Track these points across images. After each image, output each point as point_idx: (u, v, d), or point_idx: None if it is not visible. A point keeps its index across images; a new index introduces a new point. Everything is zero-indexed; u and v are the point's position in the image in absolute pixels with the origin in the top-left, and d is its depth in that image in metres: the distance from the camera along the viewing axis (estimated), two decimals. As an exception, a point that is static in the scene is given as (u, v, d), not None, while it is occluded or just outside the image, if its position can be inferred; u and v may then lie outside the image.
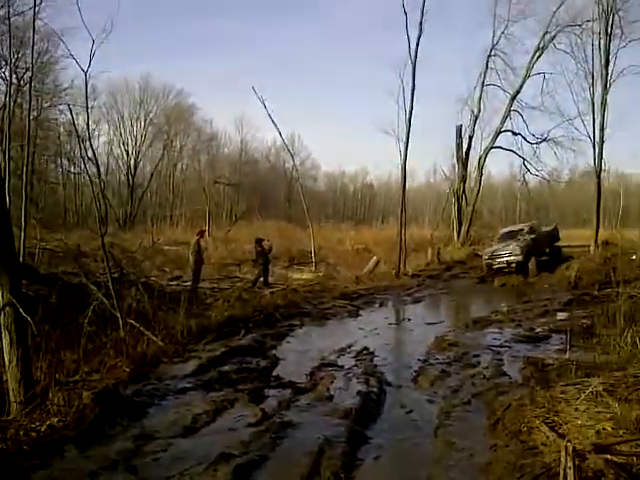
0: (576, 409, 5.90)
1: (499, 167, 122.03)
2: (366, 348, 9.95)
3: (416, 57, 22.03)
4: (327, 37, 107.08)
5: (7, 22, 20.21)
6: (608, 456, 4.55)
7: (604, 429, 5.29)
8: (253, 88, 24.04)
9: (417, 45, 22.07)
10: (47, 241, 19.73)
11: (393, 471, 5.14)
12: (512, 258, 20.52)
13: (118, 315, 8.96)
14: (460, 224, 29.23)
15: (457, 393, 7.35)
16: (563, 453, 4.49)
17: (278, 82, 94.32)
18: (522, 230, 22.40)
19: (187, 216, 46.87)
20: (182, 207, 51.61)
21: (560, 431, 5.32)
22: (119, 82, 53.37)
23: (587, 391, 6.16)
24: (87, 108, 14.67)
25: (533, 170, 31.00)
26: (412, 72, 22.20)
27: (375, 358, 9.31)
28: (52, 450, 5.18)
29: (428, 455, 5.45)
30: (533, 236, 21.66)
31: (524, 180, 33.20)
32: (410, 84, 22.58)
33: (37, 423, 5.67)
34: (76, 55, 10.30)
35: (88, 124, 15.86)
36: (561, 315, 13.58)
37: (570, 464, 4.34)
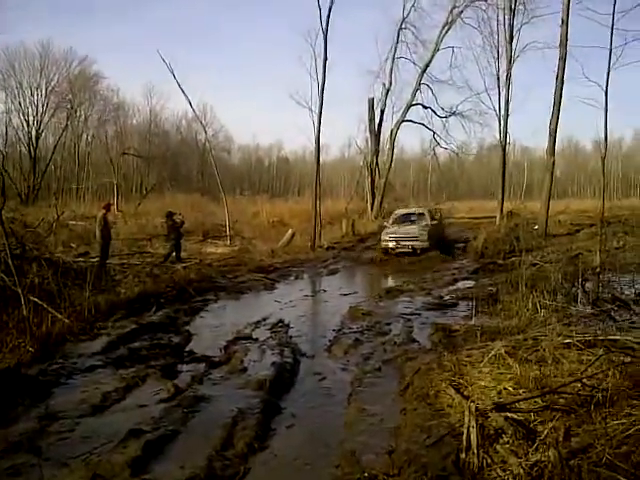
0: (480, 371, 6.17)
1: (411, 141, 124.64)
2: (281, 320, 9.98)
3: (327, 27, 21.93)
4: (241, 4, 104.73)
5: None
6: (508, 414, 4.80)
7: (505, 389, 5.57)
8: (159, 53, 23.03)
9: (328, 15, 21.94)
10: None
11: (306, 438, 5.21)
12: (417, 243, 19.52)
13: (19, 292, 8.50)
14: (373, 197, 29.69)
15: (369, 360, 7.53)
16: (466, 413, 4.70)
17: (189, 51, 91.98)
18: (422, 214, 21.64)
19: (94, 189, 45.10)
20: (89, 180, 49.50)
21: (465, 393, 5.56)
22: (17, 48, 50.34)
23: (490, 354, 6.47)
24: None
25: (443, 143, 31.87)
26: (324, 43, 22.13)
27: (290, 330, 9.37)
28: (-52, 435, 4.89)
29: (340, 422, 5.56)
30: (435, 222, 21.38)
31: (434, 153, 34.09)
32: (322, 55, 22.51)
33: None
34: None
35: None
36: (467, 283, 14.17)
37: (473, 423, 4.55)
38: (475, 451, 4.34)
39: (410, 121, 31.20)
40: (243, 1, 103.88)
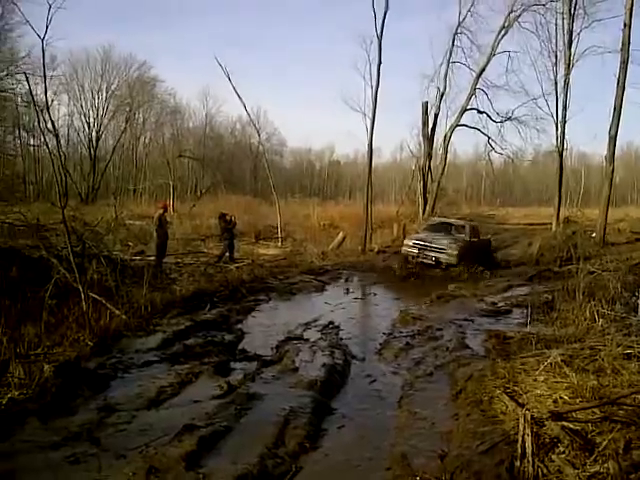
0: (535, 379, 6.06)
1: (465, 146, 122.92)
2: (332, 322, 10.03)
3: (382, 33, 21.90)
4: (294, 11, 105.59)
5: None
6: (564, 423, 4.69)
7: (561, 398, 5.45)
8: (216, 59, 23.70)
9: (383, 21, 21.91)
10: (6, 214, 19.26)
11: (357, 440, 5.22)
12: (444, 257, 16.60)
13: (80, 288, 8.79)
14: (425, 201, 29.34)
15: (420, 365, 7.49)
16: (521, 421, 4.62)
17: (244, 55, 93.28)
18: (463, 228, 18.51)
19: (151, 190, 46.16)
20: (146, 181, 50.74)
21: (520, 400, 5.46)
22: (80, 53, 52.05)
23: (546, 362, 6.33)
24: (44, 76, 14.19)
25: (497, 148, 31.26)
26: (378, 48, 22.09)
27: (340, 332, 9.39)
28: (14, 423, 5.09)
29: (391, 424, 5.55)
30: (474, 239, 18.21)
31: (489, 158, 33.50)
32: (377, 60, 22.49)
33: (-1, 397, 5.58)
34: (34, 23, 9.83)
35: (46, 92, 15.29)
36: (522, 290, 13.89)
37: (528, 431, 4.47)
38: (530, 459, 4.27)
39: (465, 125, 30.72)
40: (298, 6, 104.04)
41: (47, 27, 9.47)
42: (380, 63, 22.18)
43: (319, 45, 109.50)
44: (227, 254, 16.98)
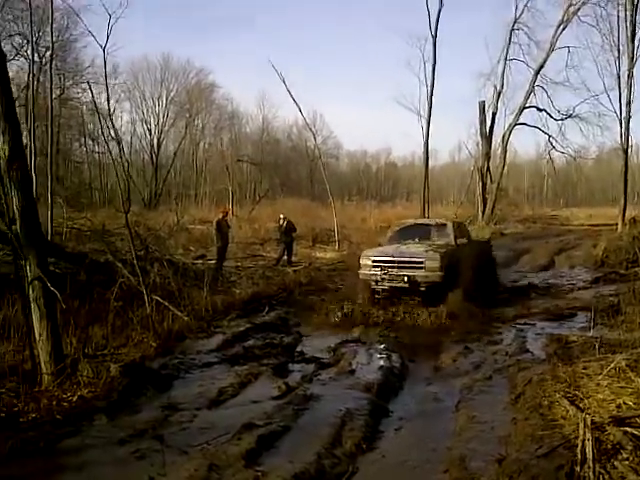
0: (598, 384, 5.91)
1: (526, 145, 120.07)
2: (389, 325, 9.98)
3: (437, 31, 21.74)
4: (346, 14, 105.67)
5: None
6: (627, 428, 4.57)
7: (625, 403, 5.30)
8: (271, 62, 24.01)
9: (437, 19, 21.76)
10: (74, 220, 20.10)
11: (414, 442, 5.21)
12: (421, 274, 10.89)
13: (144, 291, 9.12)
14: (485, 202, 28.94)
15: (479, 369, 7.40)
16: (582, 425, 4.52)
17: (299, 62, 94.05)
18: (443, 228, 12.92)
19: (211, 195, 47.15)
20: (206, 186, 51.91)
21: (581, 405, 5.34)
22: (140, 61, 53.72)
23: (610, 367, 6.17)
24: (106, 85, 14.79)
25: (559, 147, 30.52)
26: (433, 46, 21.96)
27: (398, 334, 9.35)
28: (83, 419, 5.37)
29: (449, 427, 5.51)
30: (463, 241, 12.62)
31: (549, 157, 32.72)
32: (431, 59, 22.33)
33: (68, 394, 5.86)
34: (97, 34, 10.32)
35: (108, 100, 15.98)
36: (586, 293, 13.48)
37: (588, 436, 4.36)
38: (591, 465, 4.16)
39: (524, 124, 30.20)
40: (350, 8, 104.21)
41: (108, 37, 9.93)
42: (435, 62, 22.07)
43: (373, 46, 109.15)
44: (285, 257, 17.21)
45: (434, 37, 21.66)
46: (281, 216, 18.50)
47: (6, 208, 6.35)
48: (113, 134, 17.78)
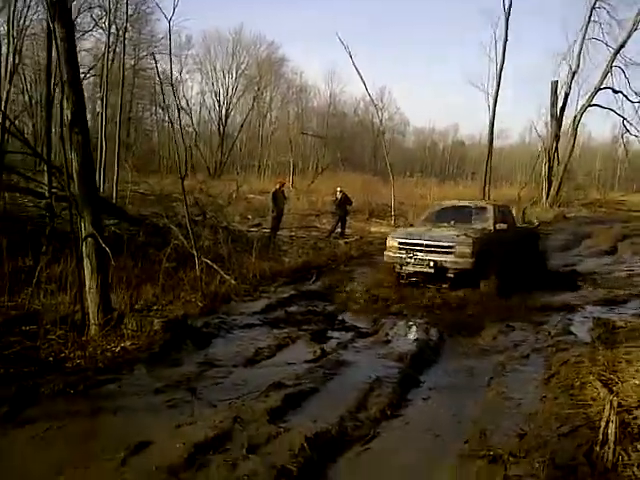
0: (637, 370, 5.77)
1: (601, 128, 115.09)
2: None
3: (510, 9, 20.98)
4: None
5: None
6: (655, 413, 4.49)
7: (661, 390, 5.18)
8: (338, 36, 23.48)
9: (510, -3, 20.98)
10: (139, 184, 20.84)
11: (440, 413, 5.25)
12: (449, 259, 10.25)
13: (194, 254, 9.43)
14: (550, 184, 28.07)
15: (518, 347, 7.32)
16: (607, 407, 4.47)
17: (369, 37, 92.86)
18: (483, 210, 11.97)
19: (273, 167, 47.63)
20: (270, 158, 52.44)
21: (615, 389, 5.25)
22: (212, 33, 54.40)
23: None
24: (170, 56, 15.17)
25: (633, 130, 29.15)
26: (505, 23, 21.28)
27: (438, 310, 9.30)
28: (123, 368, 5.68)
29: (478, 402, 5.52)
30: (502, 226, 11.43)
31: (622, 141, 31.36)
32: (503, 37, 21.65)
33: (112, 344, 6.20)
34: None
35: (171, 72, 16.32)
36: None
37: (613, 417, 4.31)
38: (611, 446, 4.13)
39: (597, 105, 28.96)
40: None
41: (174, 9, 10.17)
42: (507, 40, 21.41)
43: (444, 22, 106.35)
44: (338, 230, 17.32)
45: (507, 14, 20.91)
46: (337, 189, 18.59)
47: (66, 169, 6.69)
48: (179, 103, 18.16)
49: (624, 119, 29.09)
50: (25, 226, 9.98)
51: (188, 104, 53.25)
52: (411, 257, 10.39)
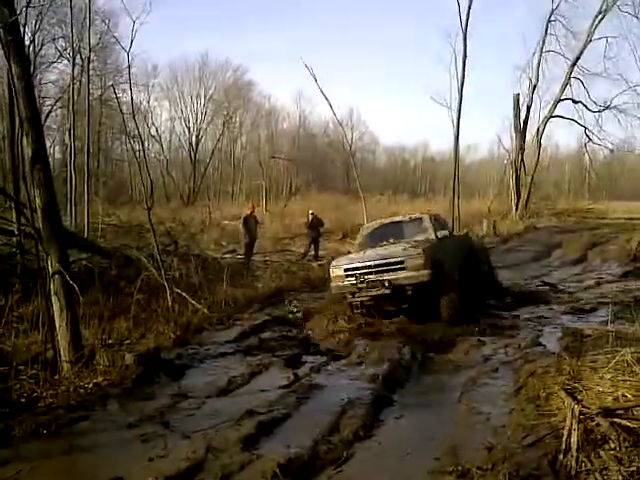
0: (601, 377, 5.91)
1: (568, 139, 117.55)
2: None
3: (467, 24, 21.40)
4: (380, 8, 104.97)
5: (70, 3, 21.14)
6: (616, 419, 4.62)
7: (624, 396, 5.30)
8: (302, 61, 23.93)
9: (468, 14, 21.42)
10: (110, 216, 20.77)
11: (412, 430, 5.34)
12: (403, 275, 9.33)
13: (165, 285, 9.46)
14: (518, 196, 28.61)
15: (488, 361, 7.46)
16: (570, 415, 4.60)
17: (337, 58, 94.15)
18: (418, 221, 11.29)
19: (248, 191, 47.71)
20: (242, 182, 52.56)
21: (579, 397, 5.38)
22: (178, 60, 54.75)
23: (615, 360, 6.18)
24: (130, 87, 15.23)
25: (595, 139, 29.92)
26: (463, 40, 21.64)
27: (411, 329, 9.40)
28: (96, 405, 5.71)
29: (449, 418, 5.62)
30: (444, 233, 11.00)
31: (586, 150, 32.10)
32: (462, 53, 22.06)
33: (85, 381, 6.21)
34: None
35: (132, 101, 16.36)
36: (613, 287, 13.30)
37: (575, 426, 4.45)
38: (574, 454, 4.25)
39: (559, 116, 29.71)
40: (383, 3, 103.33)
41: (132, 41, 10.49)
42: (465, 57, 21.75)
43: (412, 42, 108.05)
44: (312, 252, 17.44)
45: (464, 32, 21.34)
46: (310, 211, 18.75)
47: (30, 206, 6.72)
48: (140, 134, 18.26)
49: (586, 128, 29.88)
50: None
51: (157, 132, 53.37)
52: (362, 282, 9.37)
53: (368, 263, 9.55)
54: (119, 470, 4.26)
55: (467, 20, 21.31)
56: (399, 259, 9.37)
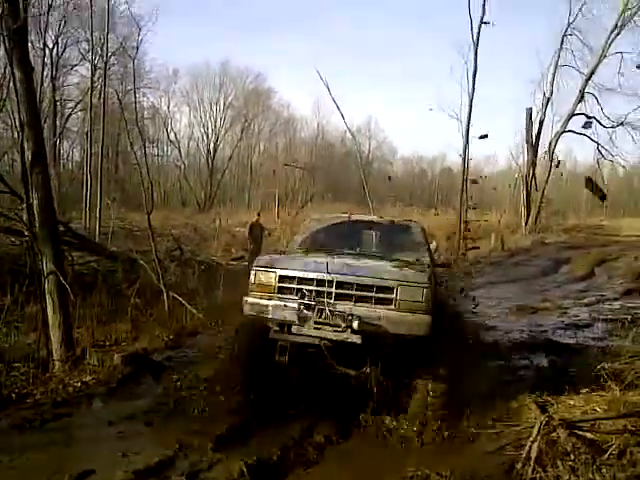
0: (576, 392, 6.04)
1: (585, 155, 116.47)
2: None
3: (478, 39, 21.36)
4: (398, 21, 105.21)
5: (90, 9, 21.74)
6: (579, 432, 4.74)
7: (594, 410, 5.44)
8: (317, 70, 23.93)
9: (480, 26, 21.36)
10: (123, 220, 21.14)
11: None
12: (390, 316, 5.15)
13: (163, 289, 9.70)
14: (528, 211, 28.50)
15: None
16: (536, 427, 4.75)
17: (356, 68, 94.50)
18: (405, 230, 7.47)
19: (262, 198, 48.03)
20: (258, 190, 52.94)
21: (550, 410, 5.50)
22: (199, 66, 55.37)
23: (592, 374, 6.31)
24: (135, 92, 15.57)
25: (608, 156, 29.73)
26: (474, 54, 21.61)
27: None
28: (81, 402, 5.94)
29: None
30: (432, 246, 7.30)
31: (599, 166, 31.85)
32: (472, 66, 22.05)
33: (74, 379, 6.44)
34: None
35: (136, 108, 16.72)
36: (614, 304, 13.32)
37: (538, 437, 4.60)
38: (532, 464, 4.39)
39: (572, 131, 29.55)
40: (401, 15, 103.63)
41: (137, 48, 10.70)
42: (476, 70, 21.75)
43: (427, 52, 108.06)
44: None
45: (475, 44, 21.34)
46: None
47: (27, 208, 6.96)
48: (147, 141, 18.69)
49: (598, 144, 29.72)
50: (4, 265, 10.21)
51: (177, 137, 54.03)
52: (310, 308, 5.17)
53: (326, 276, 5.32)
54: (91, 464, 4.47)
55: (478, 35, 21.32)
56: (387, 283, 5.30)
